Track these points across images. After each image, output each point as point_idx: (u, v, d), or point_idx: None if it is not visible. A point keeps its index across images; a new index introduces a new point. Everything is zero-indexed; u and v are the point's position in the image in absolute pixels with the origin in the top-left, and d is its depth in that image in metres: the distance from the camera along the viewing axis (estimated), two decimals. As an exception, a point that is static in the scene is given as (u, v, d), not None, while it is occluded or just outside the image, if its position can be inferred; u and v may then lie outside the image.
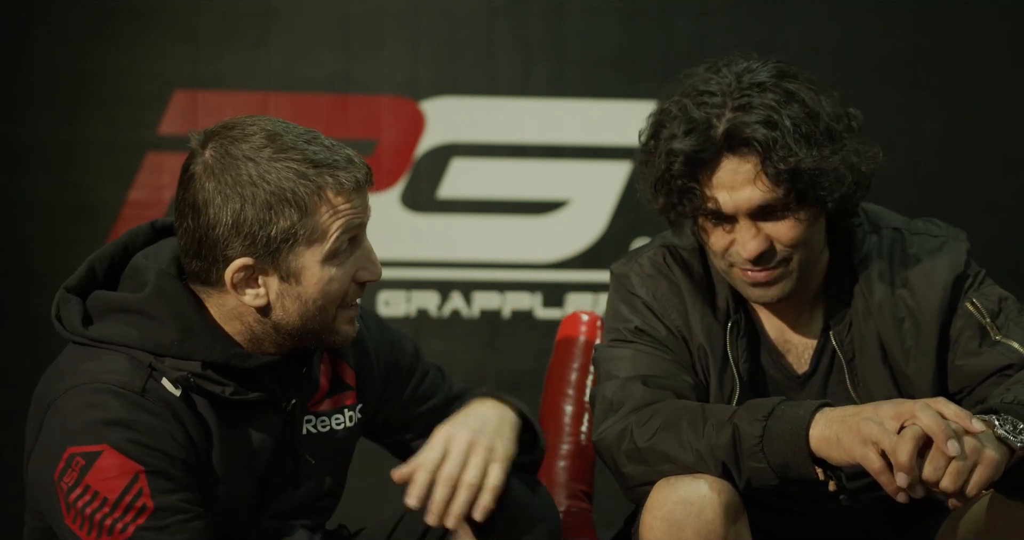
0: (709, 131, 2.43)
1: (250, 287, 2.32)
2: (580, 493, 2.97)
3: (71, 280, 2.43)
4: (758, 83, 2.45)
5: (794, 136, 2.41)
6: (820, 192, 2.44)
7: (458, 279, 4.47)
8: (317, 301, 2.33)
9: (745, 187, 2.44)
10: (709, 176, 2.46)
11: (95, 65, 4.37)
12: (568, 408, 3.00)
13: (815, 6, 4.43)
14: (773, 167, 2.41)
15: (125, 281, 2.40)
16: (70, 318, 2.37)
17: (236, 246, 2.29)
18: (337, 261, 2.33)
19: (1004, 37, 4.47)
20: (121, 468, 2.23)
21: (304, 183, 2.28)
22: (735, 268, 2.51)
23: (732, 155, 2.44)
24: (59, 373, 2.34)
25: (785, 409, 2.32)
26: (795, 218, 2.46)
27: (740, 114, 2.42)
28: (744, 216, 2.47)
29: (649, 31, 4.43)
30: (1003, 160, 4.48)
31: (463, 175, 4.47)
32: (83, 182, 4.39)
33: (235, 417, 2.37)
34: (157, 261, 2.38)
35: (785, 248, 2.48)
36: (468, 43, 4.44)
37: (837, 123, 2.47)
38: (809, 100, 2.45)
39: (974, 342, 2.54)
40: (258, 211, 2.27)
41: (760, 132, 2.41)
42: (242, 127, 2.32)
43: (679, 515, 2.36)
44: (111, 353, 2.32)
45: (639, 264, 2.65)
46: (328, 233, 2.30)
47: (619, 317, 2.63)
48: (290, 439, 2.43)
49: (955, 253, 2.59)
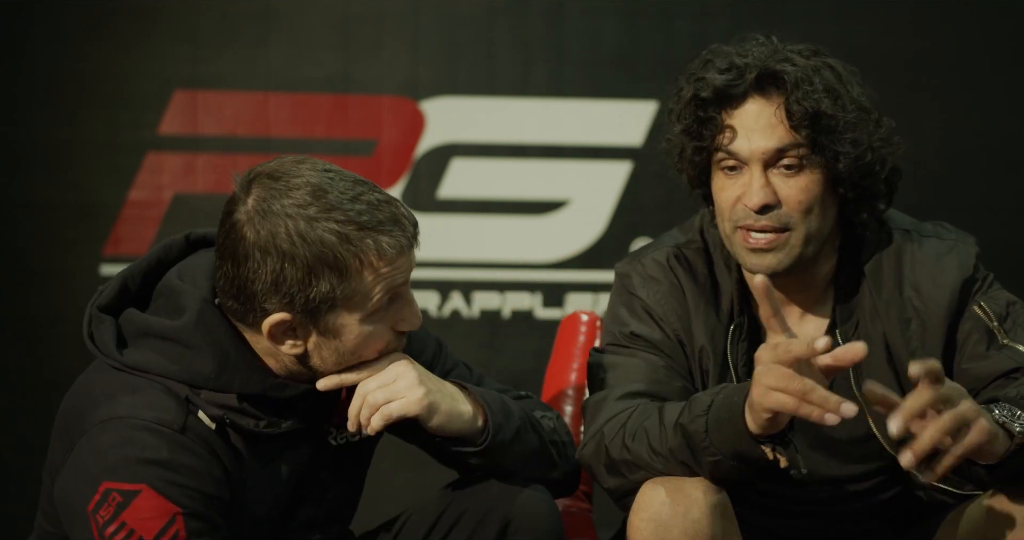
0: (744, 72, 2.48)
1: (288, 338, 2.31)
2: (580, 493, 2.97)
3: (103, 297, 2.38)
4: (799, 50, 2.52)
5: (821, 86, 2.46)
6: (836, 147, 2.46)
7: (458, 279, 4.47)
8: (355, 353, 2.32)
9: (766, 132, 2.47)
10: (732, 112, 2.50)
11: (95, 65, 4.37)
12: (568, 408, 3.00)
13: (815, 6, 4.43)
14: (797, 103, 2.45)
15: (158, 300, 2.37)
16: (104, 340, 2.34)
17: (274, 302, 2.26)
18: (377, 317, 2.31)
19: (1004, 37, 4.47)
20: (160, 509, 2.22)
21: (346, 247, 2.24)
22: (738, 231, 2.50)
23: (759, 96, 2.49)
24: (93, 399, 2.31)
25: (722, 399, 2.33)
26: (806, 178, 2.48)
27: (776, 62, 2.48)
28: (757, 163, 2.48)
29: (649, 31, 4.43)
30: (1003, 160, 4.48)
31: (463, 175, 4.47)
32: (83, 182, 4.38)
33: (268, 445, 2.37)
34: (195, 283, 2.34)
35: (789, 210, 2.48)
36: (468, 43, 4.44)
37: (870, 106, 2.51)
38: (843, 73, 2.51)
39: (981, 345, 2.53)
40: (297, 272, 2.24)
41: (790, 71, 2.46)
42: (287, 179, 2.26)
43: (665, 515, 2.36)
44: (149, 385, 2.29)
45: (642, 264, 2.64)
46: (369, 296, 2.28)
47: (617, 320, 2.63)
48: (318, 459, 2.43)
49: (964, 256, 2.59)
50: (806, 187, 2.48)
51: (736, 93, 2.48)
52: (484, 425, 2.41)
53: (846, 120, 2.46)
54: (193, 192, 4.38)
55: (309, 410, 2.38)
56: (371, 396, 2.35)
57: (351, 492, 2.51)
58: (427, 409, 2.36)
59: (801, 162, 2.48)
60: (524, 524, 2.44)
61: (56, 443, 2.35)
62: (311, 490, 2.44)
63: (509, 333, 4.47)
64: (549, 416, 2.56)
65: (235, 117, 4.39)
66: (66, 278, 4.36)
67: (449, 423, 2.38)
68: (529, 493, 2.46)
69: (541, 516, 2.46)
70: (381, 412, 2.35)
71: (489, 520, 2.44)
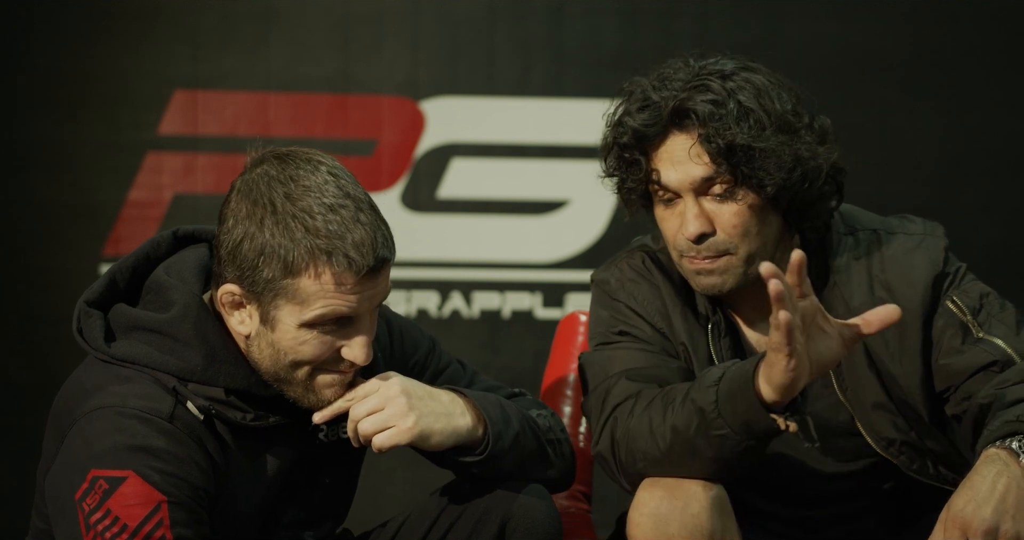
0: (660, 109, 2.49)
1: (235, 310, 2.32)
2: (579, 494, 2.97)
3: (91, 293, 2.40)
4: (719, 71, 2.50)
5: (735, 115, 2.45)
6: (759, 175, 2.45)
7: (458, 279, 4.47)
8: (288, 355, 2.30)
9: (688, 163, 2.47)
10: (655, 150, 2.50)
11: (95, 65, 4.38)
12: (566, 409, 3.00)
13: (815, 6, 4.43)
14: (709, 141, 2.45)
15: (147, 295, 2.38)
16: (92, 333, 2.35)
17: (231, 271, 2.29)
18: (317, 330, 2.29)
19: (1004, 37, 4.47)
20: (145, 496, 2.22)
21: (300, 250, 2.24)
22: (684, 258, 2.52)
23: (677, 131, 2.49)
24: (83, 390, 2.32)
25: (735, 371, 2.33)
26: (737, 202, 2.47)
27: (692, 93, 2.47)
28: (688, 192, 2.49)
29: (649, 31, 4.43)
30: (1004, 161, 4.48)
31: (463, 175, 4.47)
32: (83, 182, 4.39)
33: (255, 439, 2.37)
34: (182, 278, 2.36)
35: (727, 236, 2.49)
36: (468, 43, 4.44)
37: (794, 117, 2.48)
38: (765, 90, 2.48)
39: (956, 340, 2.53)
40: (251, 251, 2.26)
41: (702, 106, 2.46)
42: (290, 169, 2.29)
43: (664, 510, 2.36)
44: (138, 376, 2.30)
45: (619, 269, 2.66)
46: (309, 304, 2.26)
47: (601, 322, 2.64)
48: (307, 456, 2.43)
49: (933, 251, 2.58)
50: (739, 212, 2.49)
51: (654, 132, 2.49)
52: (484, 434, 2.41)
53: (763, 147, 2.45)
54: (193, 192, 4.39)
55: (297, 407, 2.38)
56: (361, 425, 2.35)
57: (344, 489, 2.51)
58: (419, 437, 2.36)
59: (731, 189, 2.48)
60: (523, 524, 2.45)
61: (48, 441, 2.35)
62: (301, 486, 2.43)
63: (509, 333, 4.47)
64: (544, 414, 2.55)
65: (235, 117, 4.39)
66: (66, 278, 4.36)
67: (445, 442, 2.38)
68: (528, 493, 2.46)
69: (540, 516, 2.46)
70: (373, 443, 2.35)
71: (488, 520, 2.45)
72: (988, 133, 4.47)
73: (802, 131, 2.49)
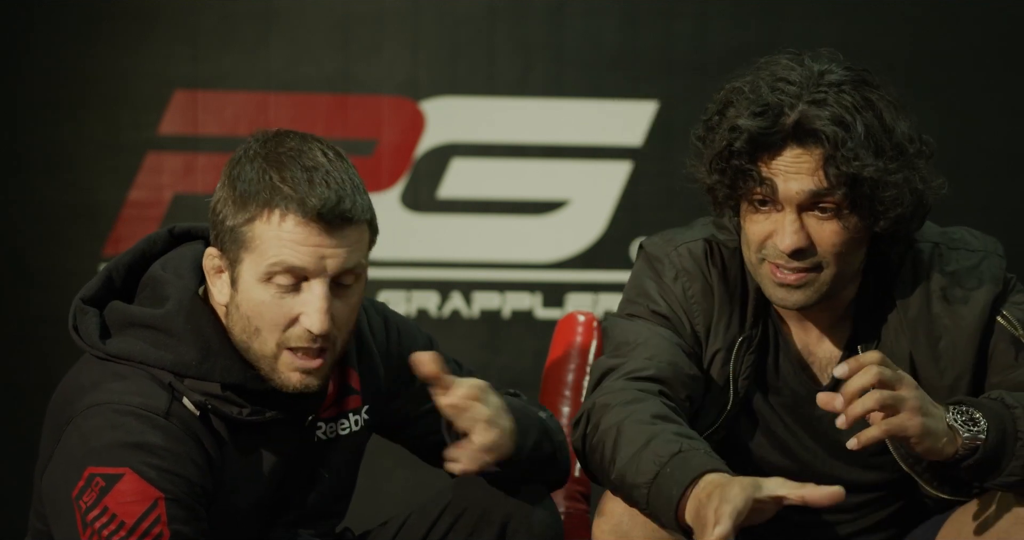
0: (780, 116, 2.37)
1: (219, 277, 2.33)
2: (577, 494, 2.97)
3: (87, 290, 2.40)
4: (838, 83, 2.40)
5: (864, 142, 2.35)
6: (876, 206, 2.38)
7: (458, 279, 4.48)
8: (252, 320, 2.29)
9: (803, 177, 2.37)
10: (769, 160, 2.39)
11: (95, 65, 4.38)
12: (565, 409, 3.00)
13: (815, 6, 4.43)
14: (836, 167, 2.35)
15: (143, 292, 2.38)
16: (88, 331, 2.35)
17: (213, 233, 2.32)
18: (272, 288, 2.28)
19: (1004, 37, 4.47)
20: (142, 493, 2.22)
21: (262, 190, 2.26)
22: (766, 263, 2.43)
23: (797, 145, 2.38)
24: (80, 387, 2.32)
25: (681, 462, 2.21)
26: (841, 223, 2.40)
27: (814, 107, 2.37)
28: (792, 207, 2.39)
29: (649, 31, 4.42)
30: (1003, 161, 4.48)
31: (463, 175, 4.47)
32: (83, 182, 4.39)
33: (251, 434, 2.36)
34: (177, 273, 2.36)
35: (822, 253, 2.41)
36: (468, 43, 4.44)
37: (910, 144, 2.41)
38: (886, 112, 2.40)
39: (1009, 356, 2.48)
40: (220, 199, 2.29)
41: (831, 128, 2.35)
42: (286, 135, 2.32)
43: (626, 525, 2.35)
44: (134, 372, 2.30)
45: (678, 253, 2.56)
46: (264, 253, 2.26)
47: (645, 294, 2.55)
48: (304, 452, 2.43)
49: (994, 270, 2.52)
50: (840, 232, 2.40)
51: (772, 141, 2.38)
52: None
53: (887, 180, 2.37)
54: (193, 192, 4.39)
55: (294, 403, 2.37)
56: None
57: (342, 487, 2.51)
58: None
59: (839, 210, 2.40)
60: (524, 524, 2.45)
61: (45, 439, 2.36)
62: (298, 484, 2.43)
63: (509, 333, 4.47)
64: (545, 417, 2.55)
65: (235, 117, 4.40)
66: (66, 278, 4.36)
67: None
68: (528, 492, 2.47)
69: (540, 516, 2.47)
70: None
71: (489, 519, 2.45)
72: (988, 133, 4.47)
73: (918, 161, 2.43)
